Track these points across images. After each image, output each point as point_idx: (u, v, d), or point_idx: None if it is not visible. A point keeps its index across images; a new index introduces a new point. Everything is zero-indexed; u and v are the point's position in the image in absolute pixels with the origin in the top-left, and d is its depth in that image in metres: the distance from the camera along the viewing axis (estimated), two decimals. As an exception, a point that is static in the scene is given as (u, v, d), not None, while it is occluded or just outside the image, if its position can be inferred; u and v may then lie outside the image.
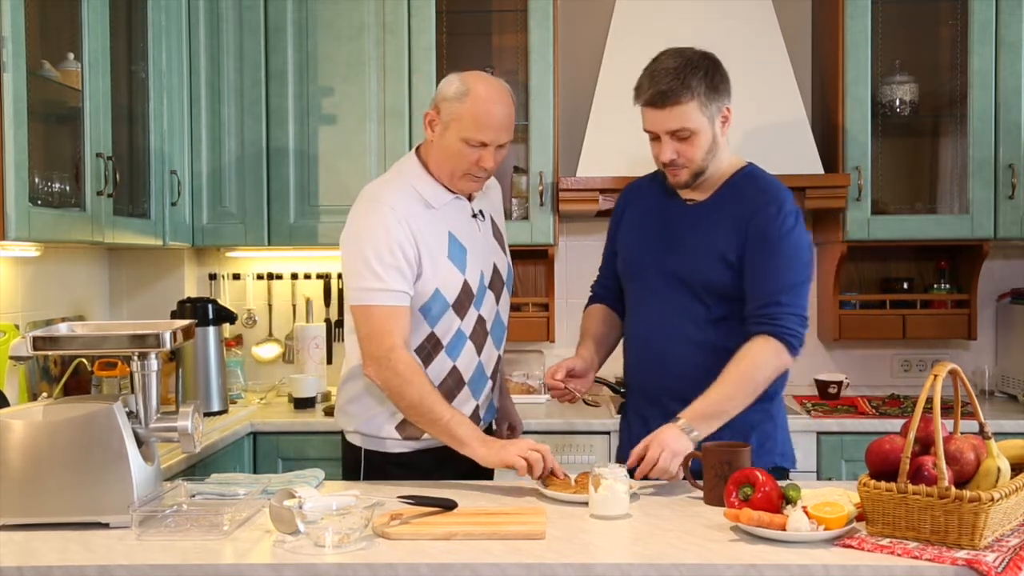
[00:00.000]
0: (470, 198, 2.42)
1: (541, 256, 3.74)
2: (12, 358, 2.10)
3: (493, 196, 2.55)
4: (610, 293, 2.51)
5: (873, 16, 3.48)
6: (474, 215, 2.41)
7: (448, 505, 1.97)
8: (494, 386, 2.48)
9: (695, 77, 2.21)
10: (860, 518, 1.84)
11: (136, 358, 2.00)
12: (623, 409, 2.51)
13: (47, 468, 1.91)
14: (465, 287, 2.32)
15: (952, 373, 1.81)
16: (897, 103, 3.62)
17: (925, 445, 1.82)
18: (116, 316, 3.63)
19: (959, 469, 1.79)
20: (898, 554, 1.69)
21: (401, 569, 1.69)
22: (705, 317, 2.28)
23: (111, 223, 2.80)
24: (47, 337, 2.03)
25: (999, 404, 3.57)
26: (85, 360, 2.88)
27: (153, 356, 2.01)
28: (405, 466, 2.36)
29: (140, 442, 1.99)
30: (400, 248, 2.24)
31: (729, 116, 2.29)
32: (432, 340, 2.33)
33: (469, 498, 2.11)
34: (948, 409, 1.92)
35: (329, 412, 3.24)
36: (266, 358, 3.88)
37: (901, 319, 3.61)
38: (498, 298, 2.45)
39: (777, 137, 3.46)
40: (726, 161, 2.34)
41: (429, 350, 2.34)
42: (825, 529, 1.77)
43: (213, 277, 3.86)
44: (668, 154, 2.26)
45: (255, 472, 3.21)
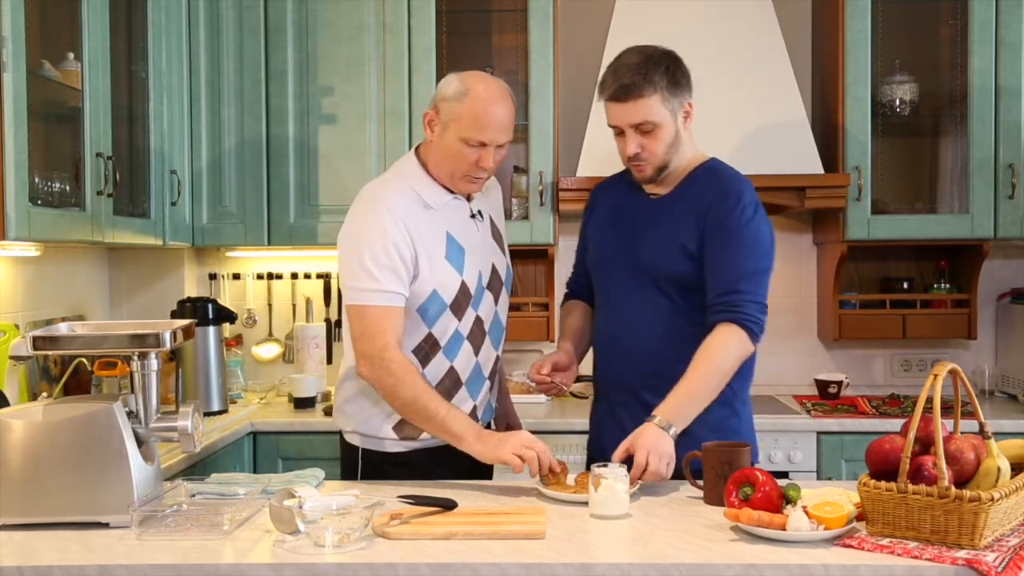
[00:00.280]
0: (469, 198, 2.41)
1: (541, 256, 3.74)
2: (12, 358, 2.10)
3: (493, 196, 2.55)
4: (584, 289, 2.55)
5: (873, 16, 3.48)
6: (473, 215, 2.41)
7: (448, 505, 1.97)
8: (492, 386, 2.48)
9: (657, 72, 2.27)
10: (860, 518, 1.84)
11: (136, 358, 2.00)
12: (594, 401, 2.54)
13: (47, 468, 1.91)
14: (463, 288, 2.32)
15: (952, 373, 1.81)
16: (897, 103, 3.62)
17: (925, 445, 1.82)
18: (116, 316, 3.63)
19: (959, 469, 1.79)
20: (898, 554, 1.69)
21: (401, 569, 1.69)
22: (671, 308, 2.32)
23: (111, 223, 2.80)
24: (47, 337, 2.03)
25: (999, 404, 3.58)
26: (85, 360, 2.88)
27: (153, 356, 2.01)
28: (403, 465, 2.36)
29: (140, 442, 1.99)
30: (396, 249, 2.24)
31: (691, 112, 2.33)
32: (430, 341, 2.33)
33: (469, 498, 2.11)
34: (948, 409, 1.92)
35: (329, 412, 3.24)
36: (266, 358, 3.88)
37: (901, 319, 3.61)
38: (496, 299, 2.45)
39: (777, 137, 3.46)
40: (689, 156, 2.38)
41: (427, 351, 2.34)
42: (825, 529, 1.77)
43: (213, 277, 3.86)
44: (632, 148, 2.30)
45: (255, 472, 3.21)
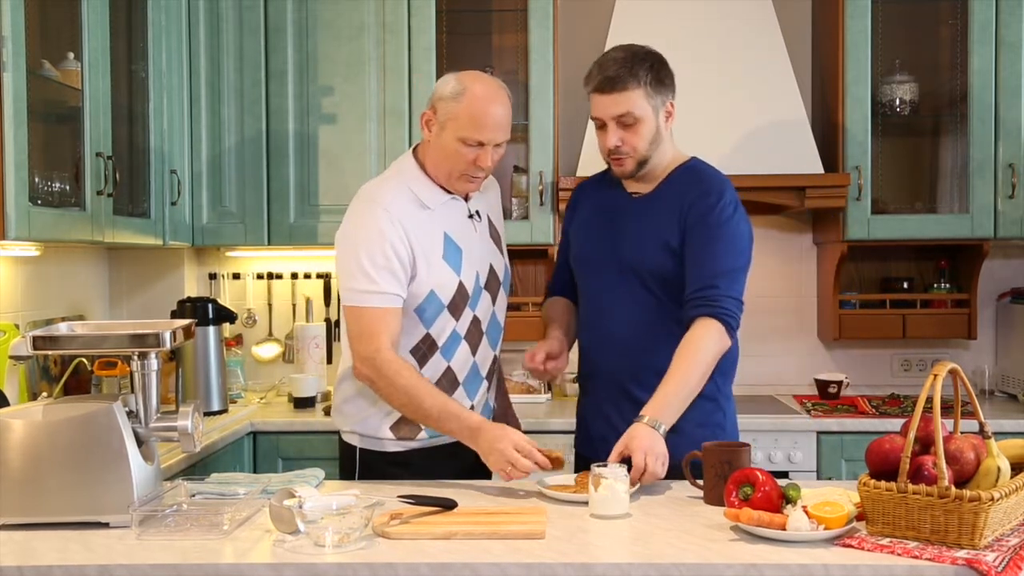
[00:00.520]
0: (467, 198, 2.41)
1: (541, 256, 3.74)
2: (12, 358, 2.10)
3: (491, 196, 2.55)
4: (566, 287, 2.57)
5: (873, 16, 3.49)
6: (470, 215, 2.41)
7: (448, 505, 1.97)
8: (490, 386, 2.48)
9: (642, 68, 2.31)
10: (860, 518, 1.84)
11: (136, 358, 2.00)
12: (580, 395, 2.56)
13: (47, 468, 1.91)
14: (460, 288, 2.32)
15: (952, 373, 1.81)
16: (897, 103, 3.62)
17: (925, 445, 1.82)
18: (116, 316, 3.63)
19: (959, 469, 1.79)
20: (898, 554, 1.69)
21: (401, 569, 1.69)
22: (654, 303, 2.34)
23: (111, 223, 2.80)
24: (47, 337, 2.03)
25: (999, 404, 3.58)
26: (85, 360, 2.88)
27: (153, 356, 2.01)
28: (401, 465, 2.37)
29: (140, 442, 1.98)
30: (393, 250, 2.24)
31: (672, 112, 2.37)
32: (427, 341, 2.33)
33: (469, 498, 2.11)
34: (948, 409, 1.92)
35: (329, 412, 3.23)
36: (266, 358, 3.88)
37: (901, 319, 3.61)
38: (494, 299, 2.45)
39: (777, 137, 3.46)
40: (669, 155, 2.41)
41: (424, 351, 2.34)
42: (825, 529, 1.77)
43: (213, 277, 3.86)
44: (613, 140, 2.33)
45: (255, 472, 3.21)
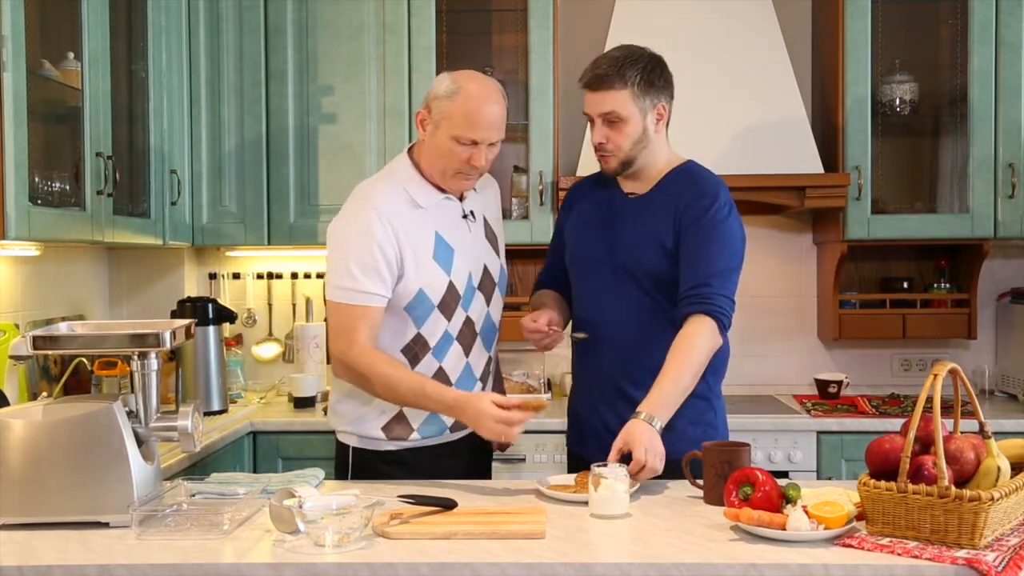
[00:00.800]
0: (461, 198, 2.42)
1: (541, 256, 3.72)
2: (12, 357, 2.10)
3: (489, 196, 2.55)
4: (558, 283, 2.58)
5: (873, 16, 3.49)
6: (465, 216, 2.41)
7: (448, 505, 1.97)
8: (484, 388, 2.47)
9: (632, 68, 2.33)
10: (860, 517, 1.84)
11: (136, 357, 2.00)
12: (572, 394, 2.58)
13: (47, 468, 1.91)
14: (451, 288, 2.33)
15: (952, 372, 1.81)
16: (897, 103, 3.62)
17: (925, 444, 1.82)
18: (116, 316, 3.63)
19: (959, 468, 1.79)
20: (898, 553, 1.69)
21: (401, 569, 1.69)
22: (649, 303, 2.36)
23: (111, 222, 2.80)
24: (47, 336, 2.03)
25: (999, 404, 3.58)
26: (85, 360, 2.88)
27: (153, 355, 2.01)
28: (395, 464, 2.37)
29: (140, 442, 1.98)
30: (380, 251, 2.25)
31: (664, 114, 2.38)
32: (419, 341, 2.34)
33: (469, 498, 2.11)
34: (948, 408, 1.92)
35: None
36: (266, 358, 3.88)
37: (901, 319, 3.61)
38: (488, 300, 2.45)
39: (777, 137, 3.46)
40: (663, 157, 2.42)
41: (416, 351, 2.34)
42: (825, 528, 1.77)
43: (213, 276, 3.86)
44: (597, 137, 2.37)
45: (255, 472, 3.21)
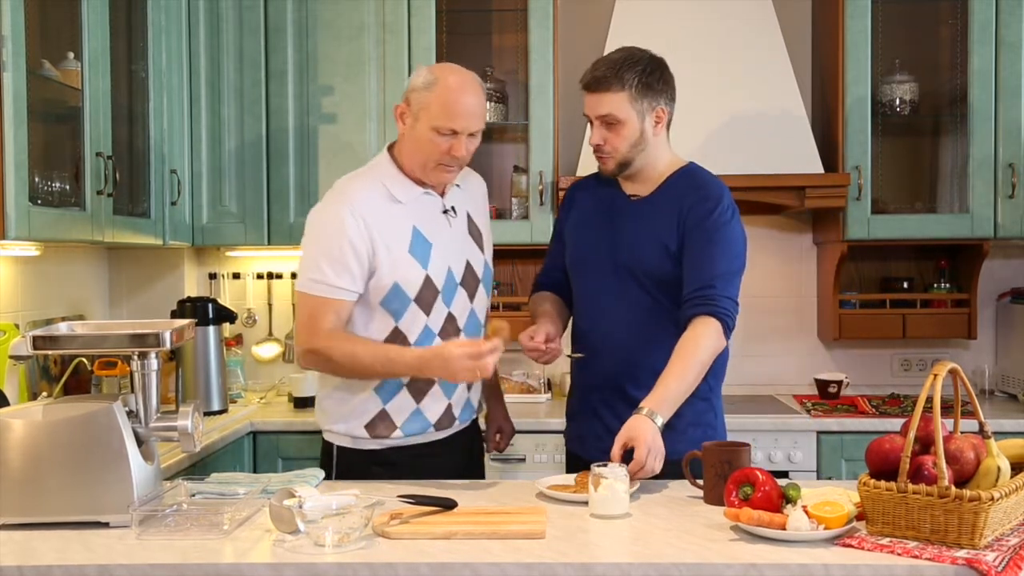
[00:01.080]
0: (443, 194, 2.41)
1: (541, 256, 3.72)
2: (12, 357, 2.10)
3: (474, 193, 2.54)
4: (557, 284, 2.58)
5: (873, 16, 3.48)
6: (445, 211, 2.41)
7: (448, 505, 1.97)
8: (470, 385, 2.46)
9: (631, 71, 2.34)
10: (860, 517, 1.84)
11: (136, 357, 2.00)
12: (572, 395, 2.57)
13: (47, 468, 1.91)
14: (428, 282, 2.32)
15: (952, 372, 1.81)
16: (897, 103, 3.63)
17: (925, 444, 1.82)
18: (116, 316, 3.63)
19: (959, 468, 1.79)
20: (898, 553, 1.69)
21: (401, 569, 1.69)
22: (651, 305, 2.36)
23: (111, 222, 2.80)
24: (47, 336, 2.03)
25: (999, 403, 3.58)
26: (85, 360, 2.88)
27: (153, 355, 2.01)
28: (380, 463, 2.36)
29: (140, 441, 1.99)
30: (351, 245, 2.26)
31: (664, 117, 2.38)
32: (398, 336, 2.33)
33: (469, 498, 2.11)
34: (948, 408, 1.92)
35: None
36: (266, 357, 3.88)
37: (901, 318, 3.61)
38: (472, 296, 2.43)
39: (777, 137, 3.46)
40: (664, 159, 2.43)
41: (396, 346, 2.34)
42: (825, 528, 1.77)
43: (213, 276, 3.86)
44: (595, 138, 2.39)
45: (255, 471, 3.21)
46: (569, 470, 2.51)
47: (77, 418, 1.93)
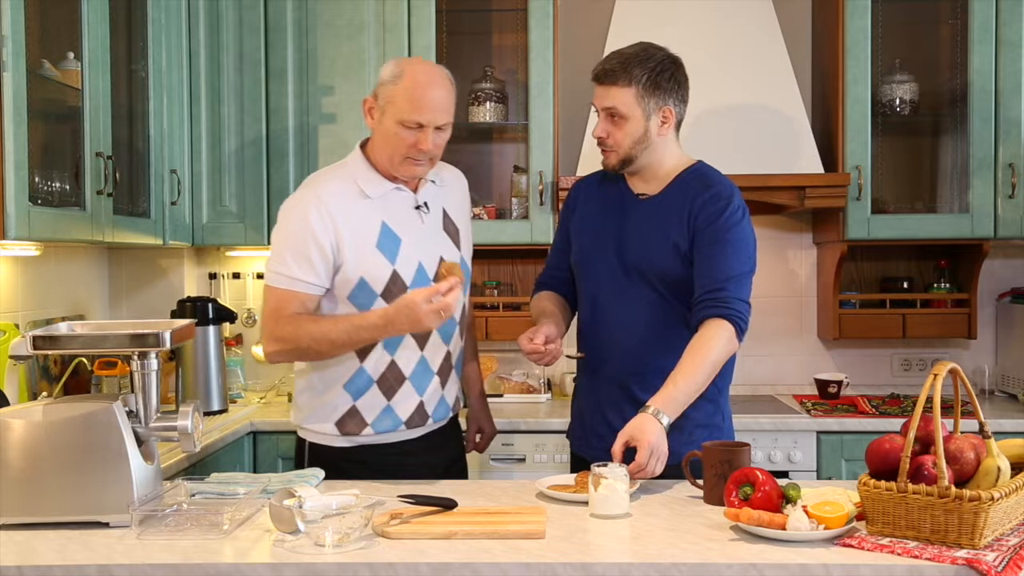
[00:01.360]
0: (416, 189, 2.40)
1: (541, 256, 3.73)
2: (12, 357, 2.10)
3: (453, 191, 2.52)
4: (560, 283, 2.56)
5: (873, 16, 3.48)
6: (417, 206, 2.39)
7: (448, 505, 1.97)
8: (446, 383, 2.45)
9: (641, 68, 2.32)
10: (860, 517, 1.84)
11: (136, 357, 2.00)
12: (578, 395, 2.55)
13: (47, 468, 1.91)
14: (395, 277, 2.31)
15: (952, 372, 1.81)
16: (897, 102, 3.62)
17: (925, 444, 1.82)
18: (116, 315, 3.63)
19: (959, 468, 1.79)
20: (898, 553, 1.69)
21: (401, 569, 1.69)
22: (660, 305, 2.35)
23: (111, 222, 2.80)
24: (47, 336, 2.03)
25: (999, 403, 3.58)
26: (85, 359, 2.89)
27: (153, 355, 2.01)
28: (352, 461, 2.35)
29: (140, 441, 1.99)
30: (314, 239, 2.26)
31: (671, 118, 2.36)
32: None
33: (469, 498, 2.11)
34: (948, 408, 1.92)
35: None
36: (266, 357, 3.87)
37: (901, 318, 3.61)
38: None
39: (777, 137, 3.46)
40: (672, 158, 2.41)
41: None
42: (825, 528, 1.77)
43: (213, 276, 3.86)
44: (598, 131, 2.38)
45: (255, 471, 3.21)
46: (574, 471, 2.50)
47: (77, 418, 1.93)
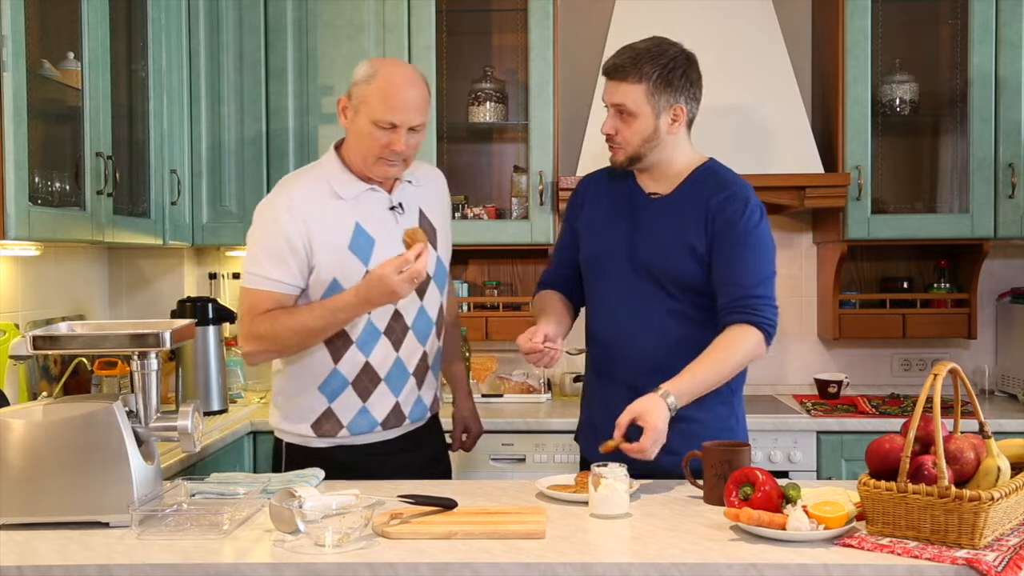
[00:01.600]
0: (391, 190, 2.40)
1: (541, 256, 3.74)
2: (12, 357, 2.10)
3: (430, 191, 2.50)
4: (564, 282, 2.50)
5: (873, 16, 3.48)
6: (392, 207, 2.38)
7: (448, 504, 1.97)
8: (422, 383, 2.44)
9: (652, 64, 2.27)
10: (860, 517, 1.84)
11: (136, 357, 2.00)
12: (587, 396, 2.51)
13: (47, 468, 1.91)
14: None
15: (952, 372, 1.81)
16: (897, 102, 3.63)
17: (925, 444, 1.82)
18: (116, 315, 3.63)
19: (959, 468, 1.79)
20: (898, 553, 1.69)
21: (401, 569, 1.69)
22: (671, 306, 2.31)
23: (111, 222, 2.80)
24: (47, 336, 2.03)
25: (999, 403, 3.58)
26: (85, 359, 2.89)
27: (153, 355, 2.01)
28: (329, 463, 2.34)
29: (140, 441, 1.99)
30: (286, 240, 2.27)
31: (682, 116, 2.31)
32: (341, 335, 2.32)
33: (469, 498, 2.11)
34: (948, 408, 1.92)
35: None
36: (266, 357, 3.87)
37: (901, 318, 3.61)
38: (421, 294, 2.40)
39: (777, 137, 3.46)
40: (683, 157, 2.36)
41: (339, 345, 2.33)
42: (825, 528, 1.77)
43: (213, 276, 3.85)
44: (606, 127, 2.33)
45: (255, 471, 3.21)
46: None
47: (77, 418, 1.93)
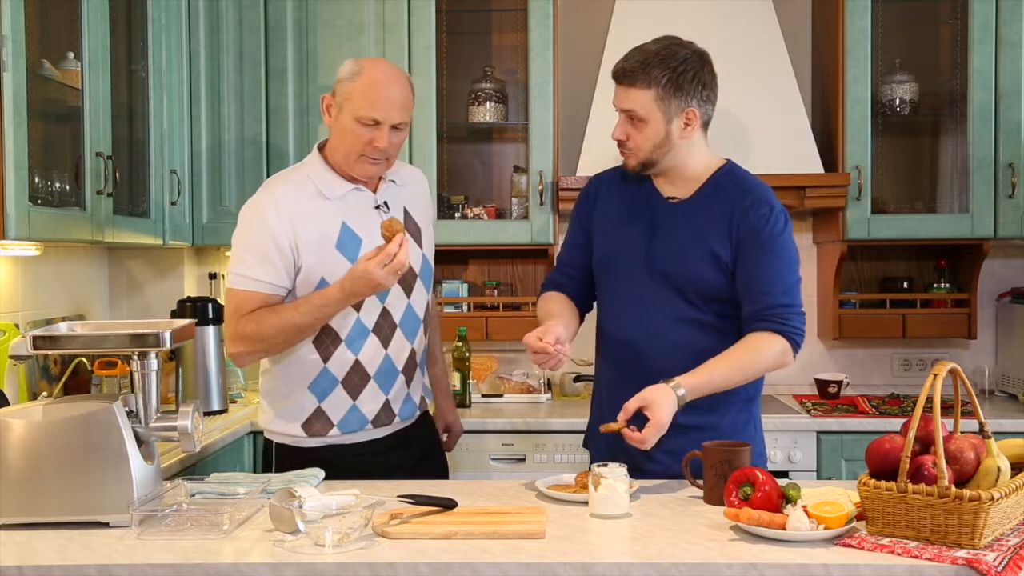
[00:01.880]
0: (375, 189, 2.40)
1: (541, 255, 3.74)
2: (12, 357, 2.10)
3: (413, 188, 2.51)
4: (572, 283, 2.43)
5: (873, 16, 3.49)
6: (377, 206, 2.39)
7: (448, 504, 1.97)
8: (411, 381, 2.45)
9: (662, 68, 2.21)
10: (860, 517, 1.84)
11: (136, 357, 2.00)
12: (597, 401, 2.45)
13: (47, 468, 1.91)
14: None
15: (952, 372, 1.81)
16: (897, 102, 3.63)
17: (925, 444, 1.82)
18: (116, 315, 3.63)
19: (959, 468, 1.79)
20: (898, 553, 1.69)
21: (401, 569, 1.69)
22: (688, 311, 2.26)
23: (111, 222, 2.80)
24: (47, 336, 2.03)
25: (999, 403, 3.58)
26: (85, 359, 2.88)
27: (153, 355, 2.01)
28: (320, 463, 2.34)
29: (140, 441, 1.99)
30: (273, 240, 2.27)
31: (695, 120, 2.25)
32: (328, 333, 2.32)
33: (469, 498, 2.11)
34: (948, 408, 1.92)
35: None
36: (266, 357, 3.87)
37: (901, 318, 3.61)
38: (408, 291, 2.40)
39: (777, 137, 3.46)
40: (699, 160, 2.31)
41: (327, 343, 2.33)
42: (825, 528, 1.77)
43: (213, 276, 3.85)
44: (617, 133, 2.28)
45: (255, 471, 3.21)
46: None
47: (77, 418, 1.93)
